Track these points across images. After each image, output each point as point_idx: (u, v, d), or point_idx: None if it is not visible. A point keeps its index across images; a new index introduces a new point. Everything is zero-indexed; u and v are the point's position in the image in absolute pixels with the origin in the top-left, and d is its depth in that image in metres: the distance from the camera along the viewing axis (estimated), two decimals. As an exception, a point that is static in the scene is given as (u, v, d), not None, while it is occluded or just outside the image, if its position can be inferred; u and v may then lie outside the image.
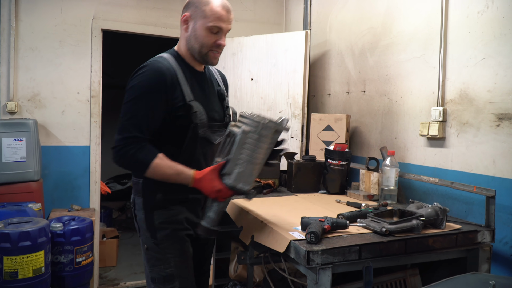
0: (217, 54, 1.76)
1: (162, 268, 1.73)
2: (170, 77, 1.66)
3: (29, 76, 3.29)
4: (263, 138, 1.59)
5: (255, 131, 1.58)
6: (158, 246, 1.73)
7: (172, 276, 1.72)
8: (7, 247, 2.42)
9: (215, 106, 1.84)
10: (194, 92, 1.73)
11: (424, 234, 1.73)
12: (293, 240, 1.61)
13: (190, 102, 1.68)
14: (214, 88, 1.88)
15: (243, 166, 1.59)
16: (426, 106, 2.41)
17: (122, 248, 4.50)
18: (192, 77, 1.76)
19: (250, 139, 1.58)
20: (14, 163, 3.02)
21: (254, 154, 1.59)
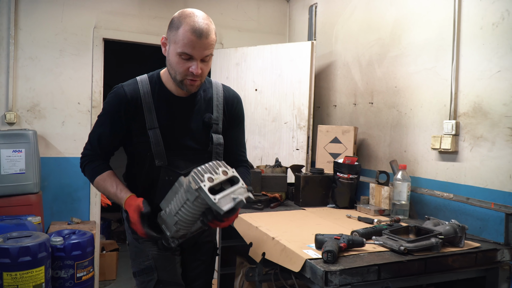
0: (194, 82, 1.60)
1: (141, 261, 1.75)
2: (132, 103, 1.64)
3: (29, 86, 3.23)
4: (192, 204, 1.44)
5: (186, 187, 1.43)
6: (138, 240, 1.76)
7: (151, 268, 1.73)
8: (7, 262, 2.34)
9: (191, 133, 1.72)
10: (161, 119, 1.66)
11: (444, 253, 1.67)
12: (309, 259, 1.54)
13: (149, 131, 1.64)
14: (199, 115, 1.74)
15: (167, 211, 1.53)
16: (438, 119, 2.37)
17: (122, 261, 4.40)
18: (166, 102, 1.68)
19: (180, 191, 1.47)
20: (13, 175, 2.94)
21: (177, 210, 1.48)
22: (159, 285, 1.72)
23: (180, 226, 1.51)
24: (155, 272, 1.72)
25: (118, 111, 1.63)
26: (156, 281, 1.71)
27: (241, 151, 1.88)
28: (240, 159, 1.87)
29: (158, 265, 1.73)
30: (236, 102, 1.84)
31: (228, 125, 1.80)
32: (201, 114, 1.73)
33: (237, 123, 1.84)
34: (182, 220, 1.49)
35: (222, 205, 1.36)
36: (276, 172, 2.67)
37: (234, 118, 1.83)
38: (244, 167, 1.86)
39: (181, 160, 1.70)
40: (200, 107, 1.74)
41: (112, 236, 4.99)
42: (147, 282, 1.73)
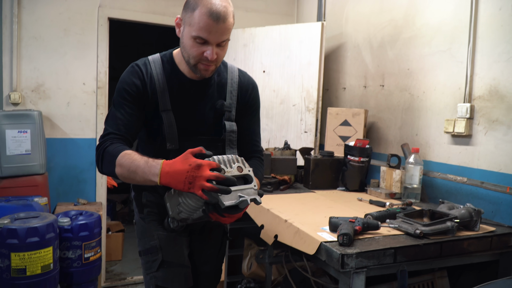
0: (208, 67, 1.53)
1: (146, 241, 1.71)
2: (147, 82, 1.58)
3: (33, 66, 3.18)
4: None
5: None
6: (144, 220, 1.72)
7: (155, 248, 1.69)
8: (15, 243, 2.33)
9: (203, 118, 1.67)
10: (173, 101, 1.61)
11: (459, 236, 1.66)
12: (324, 242, 1.53)
13: (161, 112, 1.59)
14: (212, 100, 1.68)
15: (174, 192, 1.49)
16: (452, 102, 2.33)
17: (127, 242, 4.41)
18: (179, 84, 1.63)
19: None
20: (18, 156, 2.91)
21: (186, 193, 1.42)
22: (164, 265, 1.69)
23: (182, 209, 1.49)
24: (160, 252, 1.69)
25: (134, 90, 1.57)
26: (161, 262, 1.69)
27: (255, 140, 1.81)
28: (254, 149, 1.80)
29: (164, 246, 1.70)
30: (251, 89, 1.75)
31: (242, 113, 1.73)
32: (214, 100, 1.68)
33: (251, 111, 1.76)
34: (184, 203, 1.46)
35: (224, 199, 1.33)
36: (285, 154, 2.64)
37: (248, 106, 1.74)
38: (257, 158, 1.80)
39: (193, 146, 1.62)
40: (213, 92, 1.68)
41: (117, 217, 5.00)
42: (151, 261, 1.71)
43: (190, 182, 1.31)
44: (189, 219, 1.57)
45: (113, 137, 1.51)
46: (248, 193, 1.38)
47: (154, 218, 1.72)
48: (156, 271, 1.70)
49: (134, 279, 3.64)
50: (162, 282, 1.70)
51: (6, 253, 2.33)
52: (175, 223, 1.58)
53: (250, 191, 1.39)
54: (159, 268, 1.70)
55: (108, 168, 1.47)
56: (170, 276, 1.71)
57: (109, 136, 1.52)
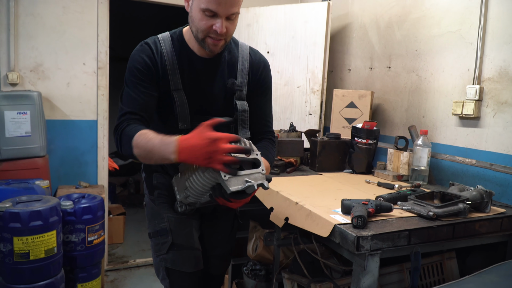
0: (217, 41, 1.48)
1: (156, 223, 1.72)
2: (158, 61, 1.54)
3: (31, 45, 3.10)
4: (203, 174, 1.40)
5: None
6: (154, 202, 1.73)
7: (165, 231, 1.69)
8: (17, 227, 2.30)
9: (215, 98, 1.64)
10: (184, 80, 1.58)
11: (471, 218, 1.65)
12: (338, 224, 1.51)
13: (173, 92, 1.56)
14: (222, 79, 1.64)
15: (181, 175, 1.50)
16: (460, 84, 2.30)
17: (128, 224, 4.40)
18: (189, 63, 1.59)
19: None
20: (18, 138, 2.86)
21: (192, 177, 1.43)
22: (173, 248, 1.69)
23: (189, 193, 1.48)
24: (170, 235, 1.69)
25: (146, 68, 1.53)
26: (171, 244, 1.69)
27: (266, 121, 1.77)
28: (265, 130, 1.77)
29: (173, 228, 1.70)
30: (263, 67, 1.71)
31: (253, 92, 1.70)
32: (225, 78, 1.64)
33: (262, 91, 1.73)
34: (191, 188, 1.44)
35: (231, 184, 1.30)
36: (291, 136, 2.62)
37: (260, 85, 1.71)
38: (268, 140, 1.76)
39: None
40: (223, 70, 1.64)
41: (117, 200, 4.98)
42: (161, 244, 1.71)
43: (209, 157, 1.28)
44: (197, 203, 1.55)
45: (129, 117, 1.48)
46: (255, 177, 1.35)
47: (164, 201, 1.71)
48: (166, 254, 1.70)
49: (136, 261, 3.64)
50: (171, 264, 1.70)
51: (9, 237, 2.30)
52: (183, 207, 1.57)
53: (258, 176, 1.36)
54: (169, 251, 1.70)
55: (127, 150, 1.44)
56: (180, 259, 1.70)
57: (125, 116, 1.49)
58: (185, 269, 1.70)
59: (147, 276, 3.38)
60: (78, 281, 2.76)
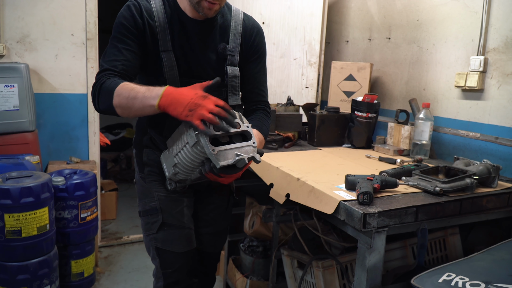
0: (212, 5, 1.44)
1: (146, 202, 1.67)
2: (146, 19, 1.49)
3: (17, 15, 2.94)
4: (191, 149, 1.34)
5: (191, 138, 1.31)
6: (144, 180, 1.68)
7: (155, 210, 1.65)
8: (8, 204, 2.22)
9: (205, 62, 1.59)
10: (175, 41, 1.53)
11: (478, 193, 1.61)
12: (343, 201, 1.46)
13: (162, 53, 1.50)
14: (213, 43, 1.59)
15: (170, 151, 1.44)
16: (464, 55, 2.24)
17: (120, 200, 4.35)
18: (180, 24, 1.54)
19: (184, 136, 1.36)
20: (6, 112, 2.75)
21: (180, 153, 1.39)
22: (164, 227, 1.65)
23: (178, 170, 1.42)
24: (160, 214, 1.64)
25: (132, 24, 1.47)
26: (161, 223, 1.64)
27: (260, 89, 1.73)
28: (259, 99, 1.73)
29: (164, 207, 1.65)
30: (256, 32, 1.67)
31: (246, 59, 1.65)
32: (216, 43, 1.59)
33: (256, 58, 1.68)
34: (180, 164, 1.39)
35: (220, 159, 1.25)
36: (289, 110, 2.55)
37: (253, 51, 1.66)
38: (262, 111, 1.73)
39: None
40: (215, 35, 1.59)
41: (108, 176, 4.91)
42: (151, 223, 1.66)
43: (191, 110, 1.26)
44: (187, 180, 1.50)
45: (109, 73, 1.44)
46: (246, 151, 1.30)
47: (155, 179, 1.66)
48: (156, 233, 1.65)
49: (130, 238, 3.60)
50: (162, 244, 1.66)
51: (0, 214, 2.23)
52: (173, 184, 1.52)
53: (249, 149, 1.31)
54: (159, 230, 1.65)
55: (105, 102, 1.40)
56: (170, 238, 1.66)
57: (105, 72, 1.44)
58: (175, 249, 1.66)
59: (141, 252, 3.35)
60: (72, 258, 2.72)
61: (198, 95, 1.28)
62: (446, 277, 1.23)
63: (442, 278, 1.23)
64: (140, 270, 3.11)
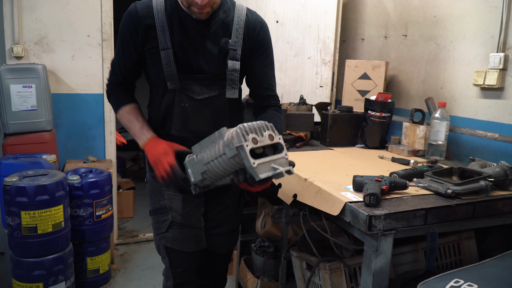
0: (201, 9, 1.47)
1: (156, 200, 1.69)
2: (144, 21, 1.54)
3: (35, 17, 3.00)
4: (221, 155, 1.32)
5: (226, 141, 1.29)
6: (154, 179, 1.68)
7: (165, 208, 1.67)
8: (24, 201, 2.27)
9: (206, 57, 1.59)
10: (174, 39, 1.55)
11: (493, 196, 1.55)
12: (349, 202, 1.43)
13: (161, 51, 1.54)
14: (215, 38, 1.59)
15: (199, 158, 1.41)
16: (483, 52, 2.16)
17: (138, 199, 4.40)
18: (179, 22, 1.56)
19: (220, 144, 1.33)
20: (24, 112, 2.81)
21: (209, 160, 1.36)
22: (173, 226, 1.65)
23: (207, 176, 1.41)
24: (170, 213, 1.65)
25: (131, 32, 1.56)
26: (170, 222, 1.65)
27: (268, 84, 1.71)
28: (268, 94, 1.71)
29: (174, 206, 1.66)
30: (259, 27, 1.65)
31: (251, 54, 1.65)
32: (218, 38, 1.59)
33: (261, 52, 1.67)
34: (211, 172, 1.38)
35: (260, 171, 1.24)
36: (301, 110, 2.52)
37: (257, 46, 1.65)
38: (274, 108, 1.71)
39: (197, 85, 1.59)
40: (217, 31, 1.59)
41: (127, 174, 4.97)
42: (161, 222, 1.67)
43: (155, 162, 1.54)
44: (211, 185, 1.49)
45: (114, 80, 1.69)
46: (281, 163, 1.31)
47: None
48: (165, 232, 1.66)
49: (146, 236, 3.63)
50: (171, 243, 1.67)
51: (16, 212, 2.28)
52: (197, 189, 1.49)
53: (283, 161, 1.32)
54: (168, 229, 1.66)
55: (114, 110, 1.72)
56: (180, 238, 1.66)
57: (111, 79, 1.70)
58: (184, 248, 1.67)
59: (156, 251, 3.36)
60: (87, 254, 2.76)
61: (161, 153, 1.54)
62: (454, 283, 1.19)
63: (449, 284, 1.18)
64: (154, 268, 3.13)
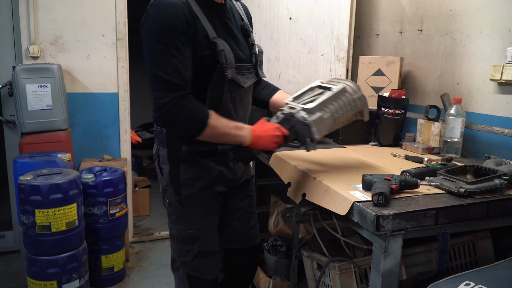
0: None
1: (183, 228, 1.61)
2: (187, 11, 1.40)
3: (50, 17, 3.05)
4: (354, 105, 1.62)
5: (353, 93, 1.61)
6: (182, 204, 1.59)
7: (193, 238, 1.60)
8: (38, 200, 2.31)
9: (240, 44, 1.58)
10: (216, 28, 1.49)
11: (509, 195, 1.49)
12: (357, 202, 1.40)
13: (214, 39, 1.45)
14: (237, 22, 1.61)
15: (327, 114, 1.55)
16: (500, 46, 2.08)
17: (154, 197, 4.43)
18: (210, 11, 1.50)
19: (345, 97, 1.59)
20: (40, 111, 2.86)
21: (339, 112, 1.59)
22: (199, 255, 1.62)
23: (328, 129, 1.57)
24: (197, 242, 1.61)
25: (183, 24, 1.39)
26: (197, 252, 1.61)
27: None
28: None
29: (201, 235, 1.62)
30: (248, 10, 1.77)
31: None
32: (237, 21, 1.62)
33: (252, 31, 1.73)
34: (338, 122, 1.61)
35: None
36: (313, 107, 2.48)
37: (251, 26, 1.73)
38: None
39: (239, 74, 1.56)
40: (234, 15, 1.63)
41: (144, 173, 5.01)
42: (186, 251, 1.62)
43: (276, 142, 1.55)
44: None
45: (181, 93, 1.41)
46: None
47: (194, 203, 1.59)
48: (191, 261, 1.63)
49: (161, 234, 3.66)
50: (195, 271, 1.65)
51: (31, 210, 2.32)
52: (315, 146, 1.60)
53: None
54: (194, 258, 1.62)
55: (193, 128, 1.45)
56: (204, 266, 1.65)
57: (177, 93, 1.40)
58: (207, 277, 1.67)
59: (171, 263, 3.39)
60: (102, 252, 2.79)
61: (275, 132, 1.55)
62: (464, 285, 1.14)
63: (460, 287, 1.14)
64: (168, 266, 3.08)
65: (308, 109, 1.51)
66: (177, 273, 1.71)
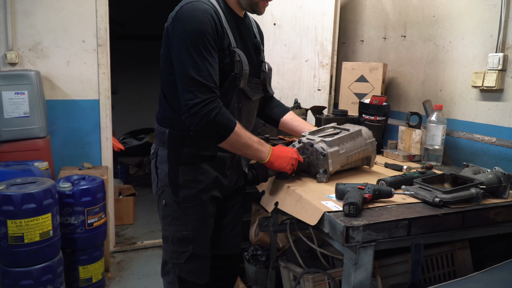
0: (266, 3, 1.57)
1: (178, 229, 1.60)
2: (216, 18, 1.45)
3: (29, 23, 2.99)
4: (365, 148, 1.74)
5: (367, 138, 1.75)
6: (178, 205, 1.59)
7: (187, 240, 1.60)
8: (10, 210, 2.23)
9: (252, 60, 1.62)
10: (236, 39, 1.53)
11: (485, 205, 1.44)
12: (328, 212, 1.34)
13: (234, 49, 1.49)
14: (251, 38, 1.65)
15: (343, 150, 1.65)
16: (482, 53, 2.05)
17: (139, 205, 4.36)
18: (233, 22, 1.54)
19: (360, 139, 1.72)
20: (17, 119, 2.79)
21: (353, 151, 1.69)
22: (192, 258, 1.61)
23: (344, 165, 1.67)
24: (191, 244, 1.60)
25: (213, 29, 1.42)
26: (190, 254, 1.60)
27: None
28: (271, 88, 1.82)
29: (196, 237, 1.61)
30: (260, 28, 1.82)
31: None
32: (251, 38, 1.67)
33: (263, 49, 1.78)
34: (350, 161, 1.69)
35: None
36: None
37: (262, 44, 1.76)
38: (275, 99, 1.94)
39: (247, 86, 1.59)
40: (250, 31, 1.68)
41: (131, 181, 4.94)
42: (179, 252, 1.61)
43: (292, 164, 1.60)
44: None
45: (214, 97, 1.42)
46: None
47: (191, 204, 1.59)
48: (183, 263, 1.62)
49: (144, 243, 3.58)
50: (186, 274, 1.63)
51: (3, 220, 2.24)
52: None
53: None
54: (187, 261, 1.61)
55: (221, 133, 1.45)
56: (197, 270, 1.64)
57: (210, 95, 1.41)
58: (198, 280, 1.65)
59: (153, 258, 3.32)
60: (80, 263, 2.71)
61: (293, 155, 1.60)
62: (435, 300, 1.09)
63: (429, 302, 1.09)
64: (149, 276, 3.07)
65: (328, 141, 1.62)
66: (167, 277, 1.69)
